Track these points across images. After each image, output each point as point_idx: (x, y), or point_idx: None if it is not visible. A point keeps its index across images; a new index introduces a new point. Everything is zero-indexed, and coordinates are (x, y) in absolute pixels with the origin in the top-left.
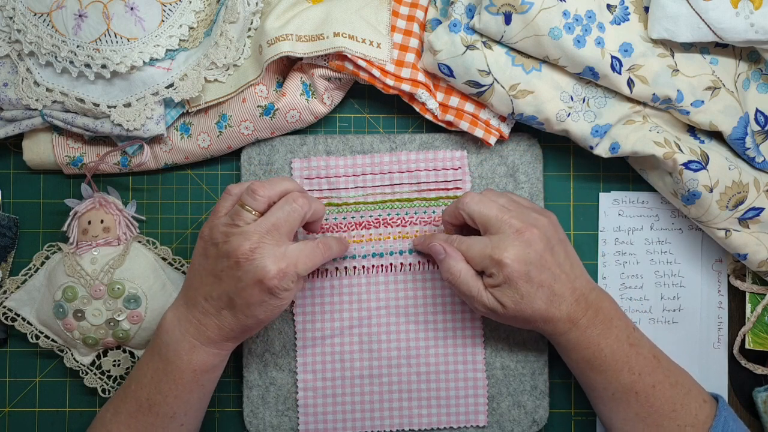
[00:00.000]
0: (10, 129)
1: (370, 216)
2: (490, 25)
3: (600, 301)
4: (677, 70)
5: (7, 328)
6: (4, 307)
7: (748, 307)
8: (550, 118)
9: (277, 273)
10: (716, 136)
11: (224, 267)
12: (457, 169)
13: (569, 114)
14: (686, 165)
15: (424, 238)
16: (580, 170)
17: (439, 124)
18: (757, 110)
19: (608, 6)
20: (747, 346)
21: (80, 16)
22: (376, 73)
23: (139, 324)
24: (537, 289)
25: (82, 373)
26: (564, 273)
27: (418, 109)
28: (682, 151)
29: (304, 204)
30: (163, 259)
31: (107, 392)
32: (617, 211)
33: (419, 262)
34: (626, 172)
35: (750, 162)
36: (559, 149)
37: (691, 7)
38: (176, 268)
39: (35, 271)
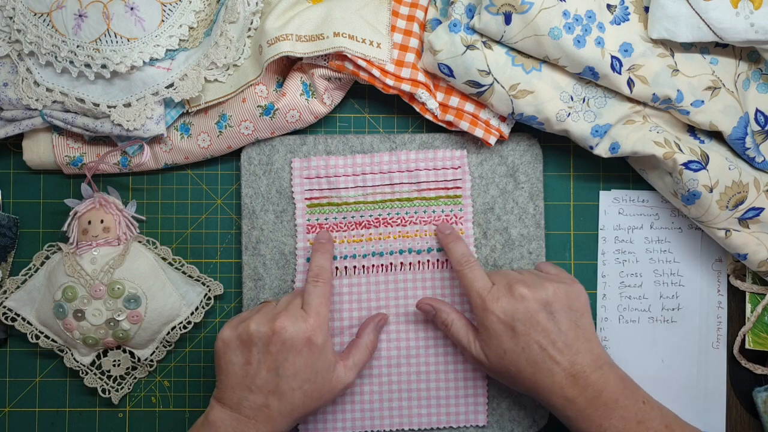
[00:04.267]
0: (10, 129)
1: (370, 215)
2: (490, 25)
3: (603, 382)
4: (677, 70)
5: (7, 328)
6: (4, 307)
7: (748, 307)
8: (550, 118)
9: (314, 324)
10: (716, 136)
11: (262, 350)
12: (456, 169)
13: (569, 114)
14: (686, 165)
15: (450, 239)
16: (580, 170)
17: (439, 124)
18: (757, 110)
19: (608, 6)
20: (747, 346)
21: (80, 16)
22: (376, 73)
23: (139, 324)
24: (522, 348)
25: (82, 373)
26: (563, 342)
27: (418, 109)
28: (682, 151)
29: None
30: (163, 259)
31: (107, 392)
32: (617, 209)
33: (419, 262)
34: (626, 172)
35: (750, 162)
36: (559, 149)
37: (691, 7)
38: (176, 268)
39: (35, 271)
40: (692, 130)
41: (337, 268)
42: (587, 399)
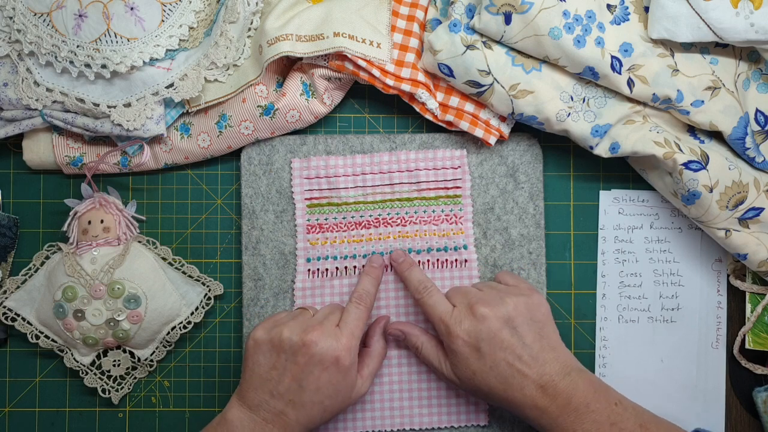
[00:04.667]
0: (10, 129)
1: (370, 215)
2: (490, 25)
3: (573, 389)
4: (677, 70)
5: (7, 328)
6: (4, 307)
7: (748, 307)
8: (550, 118)
9: (345, 346)
10: (716, 136)
11: (289, 358)
12: (456, 168)
13: (569, 114)
14: (686, 165)
15: (404, 267)
16: (580, 170)
17: (439, 124)
18: (757, 110)
19: (608, 6)
20: (747, 346)
21: (80, 16)
22: (376, 73)
23: (139, 324)
24: (490, 367)
25: (82, 373)
26: (529, 355)
27: (418, 109)
28: (682, 151)
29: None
30: (163, 259)
31: (107, 392)
32: (617, 209)
33: (419, 262)
34: (626, 172)
35: (750, 162)
36: (559, 149)
37: (691, 7)
38: (176, 268)
39: (35, 271)
40: (692, 130)
41: (336, 268)
42: (558, 407)
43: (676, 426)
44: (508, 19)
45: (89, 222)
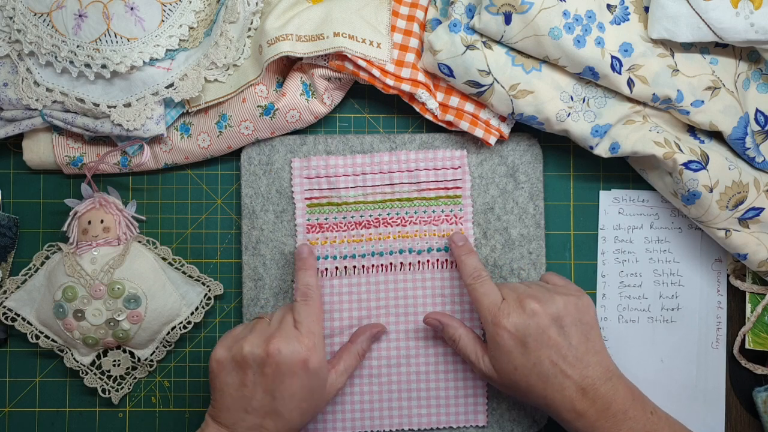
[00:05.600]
0: (10, 129)
1: (370, 215)
2: (490, 25)
3: (613, 394)
4: (677, 70)
5: (7, 328)
6: (4, 307)
7: (748, 307)
8: (550, 118)
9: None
10: (716, 136)
11: (257, 372)
12: (456, 169)
13: (569, 114)
14: (686, 165)
15: (464, 251)
16: (580, 170)
17: (439, 124)
18: (757, 110)
19: (608, 6)
20: (747, 346)
21: (80, 16)
22: (376, 73)
23: (139, 324)
24: (534, 364)
25: (82, 373)
26: (574, 356)
27: (418, 109)
28: (682, 151)
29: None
30: (163, 259)
31: (107, 392)
32: (617, 209)
33: (419, 262)
34: (626, 172)
35: (750, 162)
36: (559, 149)
37: (691, 7)
38: (176, 268)
39: (35, 271)
40: (692, 130)
41: (336, 268)
42: (597, 411)
43: None
44: (508, 19)
45: (89, 222)
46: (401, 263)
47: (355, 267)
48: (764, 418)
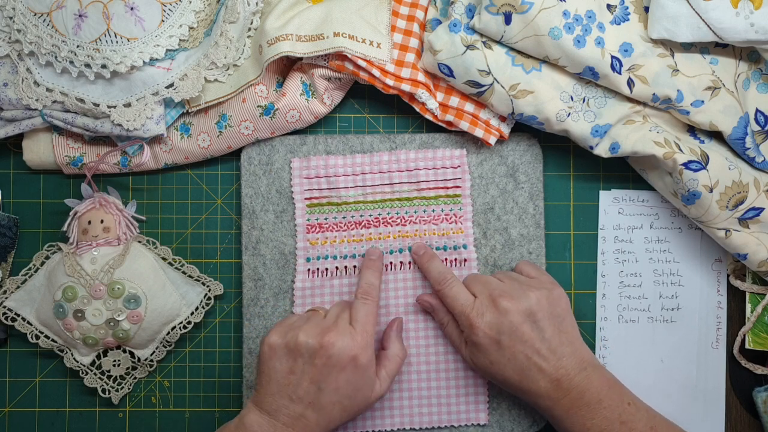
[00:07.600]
0: (10, 129)
1: (370, 215)
2: (490, 25)
3: (587, 383)
4: (677, 70)
5: (7, 328)
6: (4, 307)
7: (748, 307)
8: (550, 118)
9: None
10: (716, 136)
11: (307, 361)
12: (456, 168)
13: (569, 114)
14: (686, 165)
15: (425, 259)
16: (580, 170)
17: (439, 124)
18: (757, 110)
19: (608, 6)
20: (747, 346)
21: (80, 16)
22: (376, 73)
23: (139, 324)
24: (508, 359)
25: (82, 373)
26: (548, 349)
27: (418, 109)
28: (682, 151)
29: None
30: (163, 259)
31: (107, 392)
32: (617, 209)
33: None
34: (626, 172)
35: (750, 162)
36: (559, 149)
37: (691, 7)
38: (176, 268)
39: (35, 271)
40: (692, 130)
41: (336, 267)
42: (570, 400)
43: None
44: (508, 19)
45: (89, 222)
46: (401, 263)
47: (354, 267)
48: (764, 418)
